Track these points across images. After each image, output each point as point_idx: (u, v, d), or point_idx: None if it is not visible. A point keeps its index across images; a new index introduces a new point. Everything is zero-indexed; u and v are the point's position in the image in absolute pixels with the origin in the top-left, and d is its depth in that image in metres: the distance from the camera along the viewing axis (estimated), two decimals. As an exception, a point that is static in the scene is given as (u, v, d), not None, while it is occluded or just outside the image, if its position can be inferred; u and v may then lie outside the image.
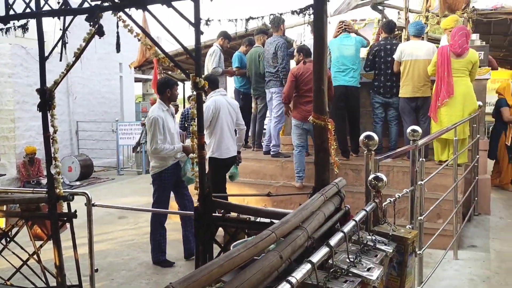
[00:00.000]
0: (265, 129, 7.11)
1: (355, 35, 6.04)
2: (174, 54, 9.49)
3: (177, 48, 9.57)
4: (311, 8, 2.34)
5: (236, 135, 5.23)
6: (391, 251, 2.00)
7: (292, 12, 2.51)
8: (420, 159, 3.37)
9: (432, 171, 4.77)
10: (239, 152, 5.35)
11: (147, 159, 11.35)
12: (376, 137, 2.47)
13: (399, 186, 5.15)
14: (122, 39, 2.96)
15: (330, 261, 1.69)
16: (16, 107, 10.16)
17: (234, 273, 1.43)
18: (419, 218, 3.33)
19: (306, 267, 1.44)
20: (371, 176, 2.34)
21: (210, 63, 6.58)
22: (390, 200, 2.69)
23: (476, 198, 5.64)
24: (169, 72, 12.38)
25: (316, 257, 1.53)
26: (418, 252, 3.31)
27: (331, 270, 1.63)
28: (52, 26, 7.18)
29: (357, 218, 2.00)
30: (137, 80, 17.36)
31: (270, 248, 1.68)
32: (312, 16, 2.34)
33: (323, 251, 1.60)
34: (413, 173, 3.16)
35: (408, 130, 3.18)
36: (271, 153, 6.21)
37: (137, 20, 2.86)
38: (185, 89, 15.16)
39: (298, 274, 1.39)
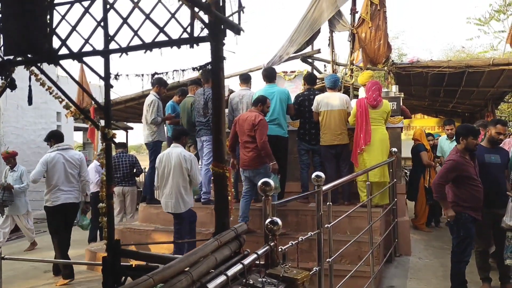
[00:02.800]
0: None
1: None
2: (112, 103, 9.58)
3: (114, 98, 9.66)
4: (209, 65, 2.54)
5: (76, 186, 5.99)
6: (278, 291, 2.13)
7: (193, 69, 2.73)
8: (328, 203, 3.59)
9: (354, 214, 5.07)
10: (87, 202, 6.30)
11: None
12: (272, 183, 2.65)
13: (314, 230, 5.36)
14: (63, 88, 2.97)
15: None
16: None
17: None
18: (328, 260, 3.50)
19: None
20: (268, 220, 2.50)
21: (149, 114, 6.57)
22: (292, 243, 2.86)
23: (396, 240, 5.94)
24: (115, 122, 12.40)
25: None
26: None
27: (208, 311, 1.74)
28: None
29: (246, 261, 2.13)
30: (77, 129, 17.03)
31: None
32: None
33: (198, 293, 1.71)
34: (318, 216, 3.35)
35: (313, 176, 3.40)
36: (202, 200, 6.29)
37: (74, 70, 2.96)
38: (127, 137, 15.08)
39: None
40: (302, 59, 9.79)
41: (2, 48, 2.95)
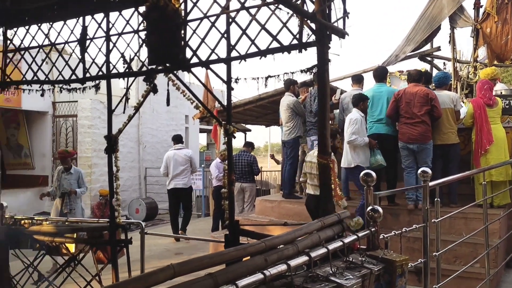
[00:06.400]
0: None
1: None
2: (232, 106, 10.38)
3: (236, 100, 10.45)
4: (315, 67, 2.84)
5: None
6: (376, 269, 2.34)
7: (301, 71, 3.04)
8: (436, 199, 3.64)
9: (472, 215, 4.96)
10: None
11: (207, 203, 12.09)
12: (374, 174, 2.85)
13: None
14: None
15: (314, 271, 2.10)
16: (93, 154, 11.44)
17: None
18: (434, 254, 3.55)
19: (281, 266, 1.87)
20: (369, 208, 2.72)
21: (293, 114, 6.86)
22: (395, 232, 3.03)
23: (522, 244, 5.59)
24: (234, 124, 13.35)
25: (294, 262, 1.96)
26: (434, 287, 3.52)
27: (309, 275, 2.03)
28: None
29: (346, 240, 2.38)
30: (202, 130, 18.53)
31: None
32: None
33: (302, 258, 2.02)
34: (424, 210, 3.44)
35: (419, 171, 3.50)
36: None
37: (201, 75, 3.52)
38: (246, 137, 16.11)
39: (273, 270, 1.83)
40: (420, 57, 9.53)
41: (147, 59, 3.60)
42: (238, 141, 19.01)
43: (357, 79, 6.59)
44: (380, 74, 6.29)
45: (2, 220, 4.39)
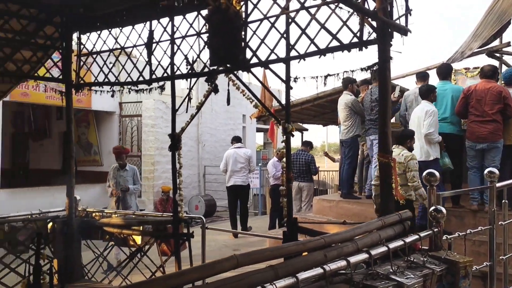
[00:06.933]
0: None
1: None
2: (292, 105, 10.43)
3: (293, 100, 10.48)
4: (376, 65, 2.83)
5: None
6: (438, 269, 2.30)
7: (362, 69, 3.03)
8: (504, 201, 3.48)
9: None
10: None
11: (264, 202, 12.22)
12: (437, 174, 2.79)
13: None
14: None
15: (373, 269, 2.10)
16: (156, 153, 11.94)
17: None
18: (501, 258, 3.40)
19: (341, 262, 1.90)
20: (432, 208, 2.67)
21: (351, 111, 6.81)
22: (459, 234, 2.95)
23: None
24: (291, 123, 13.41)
25: (354, 258, 1.98)
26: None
27: (369, 272, 2.04)
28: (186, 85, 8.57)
29: (407, 239, 2.36)
30: (259, 130, 18.71)
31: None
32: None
33: (362, 256, 2.03)
34: (490, 212, 3.30)
35: (486, 171, 3.37)
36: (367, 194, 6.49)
37: (259, 75, 3.63)
38: (302, 137, 16.12)
39: (333, 265, 1.86)
40: (488, 53, 9.03)
41: (208, 61, 3.74)
42: (295, 141, 19.01)
43: (422, 76, 6.40)
44: (444, 71, 6.06)
45: (75, 213, 4.72)
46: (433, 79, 6.42)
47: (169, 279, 1.47)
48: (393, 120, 7.30)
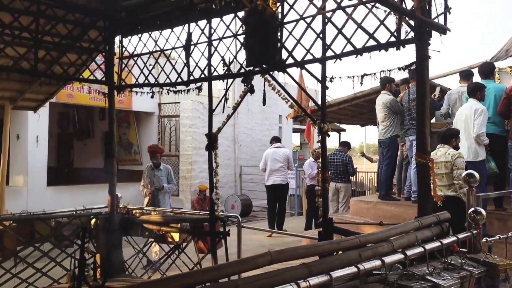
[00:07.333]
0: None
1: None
2: (327, 106, 10.37)
3: (330, 100, 10.41)
4: (414, 64, 2.79)
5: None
6: (476, 272, 2.25)
7: (399, 68, 3.00)
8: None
9: None
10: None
11: (300, 202, 12.20)
12: (477, 175, 2.72)
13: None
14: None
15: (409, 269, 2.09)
16: (193, 152, 12.15)
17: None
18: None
19: (375, 262, 1.90)
20: (471, 210, 2.61)
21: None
22: (500, 236, 2.87)
23: None
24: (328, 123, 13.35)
25: (389, 258, 1.97)
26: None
27: (405, 272, 2.03)
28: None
29: (444, 241, 2.32)
30: (295, 130, 18.67)
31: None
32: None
33: (397, 256, 2.02)
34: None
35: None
36: (412, 199, 6.34)
37: (295, 76, 3.66)
38: (340, 137, 15.98)
39: (367, 265, 1.86)
40: (534, 51, 8.68)
41: (245, 62, 3.79)
42: (332, 141, 18.82)
43: (466, 75, 6.22)
44: (486, 70, 5.87)
45: (116, 210, 4.90)
46: (475, 79, 6.24)
47: (207, 272, 1.53)
48: (433, 120, 7.14)
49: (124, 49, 4.79)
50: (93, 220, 4.86)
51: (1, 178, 6.30)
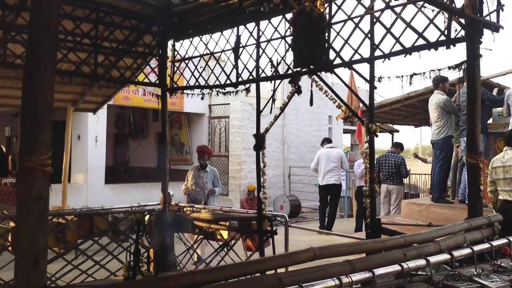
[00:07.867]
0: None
1: None
2: (378, 106, 10.19)
3: (379, 101, 10.24)
4: (464, 63, 2.73)
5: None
6: (529, 276, 2.18)
7: (449, 68, 2.94)
8: None
9: None
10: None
11: (350, 204, 12.05)
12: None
13: None
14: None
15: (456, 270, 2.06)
16: (242, 153, 12.34)
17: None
18: None
19: (420, 261, 1.89)
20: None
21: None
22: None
23: None
24: (378, 124, 13.08)
25: (434, 258, 1.96)
26: None
27: (451, 273, 2.00)
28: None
29: (494, 242, 2.27)
30: (345, 131, 18.43)
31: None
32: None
33: (443, 256, 2.00)
34: None
35: None
36: (466, 202, 6.12)
37: (346, 76, 3.68)
38: (393, 138, 15.59)
39: (411, 264, 1.86)
40: None
41: (292, 63, 3.84)
42: (385, 143, 18.43)
43: None
44: None
45: (169, 207, 5.10)
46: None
47: (254, 264, 1.60)
48: (490, 120, 6.86)
49: (176, 52, 4.99)
50: (147, 217, 5.09)
51: (63, 176, 6.73)
